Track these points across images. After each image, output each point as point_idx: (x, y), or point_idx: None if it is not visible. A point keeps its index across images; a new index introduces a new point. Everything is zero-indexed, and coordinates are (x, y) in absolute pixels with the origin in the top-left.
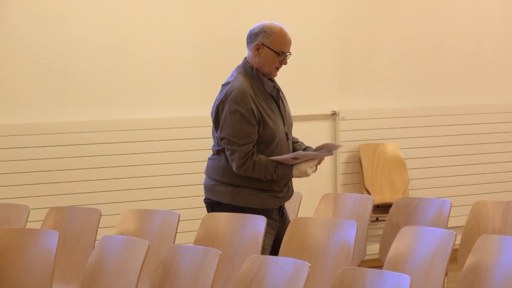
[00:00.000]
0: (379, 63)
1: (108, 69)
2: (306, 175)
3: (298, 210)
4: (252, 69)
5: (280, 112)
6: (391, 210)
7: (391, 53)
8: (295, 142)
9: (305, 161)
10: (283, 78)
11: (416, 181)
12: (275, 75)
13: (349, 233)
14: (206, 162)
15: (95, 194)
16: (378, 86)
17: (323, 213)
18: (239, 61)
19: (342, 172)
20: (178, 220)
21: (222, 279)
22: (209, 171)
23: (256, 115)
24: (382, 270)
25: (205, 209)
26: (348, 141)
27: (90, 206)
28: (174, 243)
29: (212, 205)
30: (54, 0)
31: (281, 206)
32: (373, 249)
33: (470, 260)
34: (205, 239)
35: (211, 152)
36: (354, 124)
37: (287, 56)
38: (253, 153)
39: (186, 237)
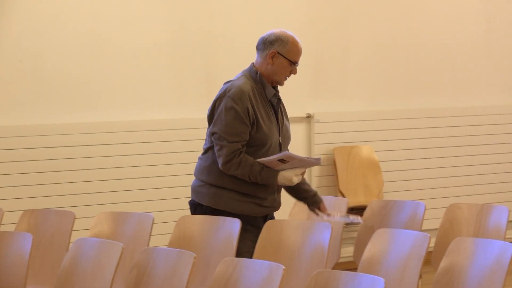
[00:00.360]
0: (354, 66)
1: (83, 72)
2: (291, 182)
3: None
4: (257, 73)
5: (278, 121)
6: (365, 212)
7: (365, 56)
8: (308, 191)
9: (292, 168)
10: None
11: (391, 183)
12: (283, 84)
13: (323, 235)
14: (183, 164)
15: (69, 196)
16: (352, 89)
17: (297, 215)
18: (213, 63)
19: (317, 175)
20: (153, 223)
21: (196, 282)
22: (196, 171)
23: (250, 115)
24: (357, 273)
25: (179, 211)
26: (323, 143)
27: (64, 209)
28: (148, 245)
29: (195, 207)
30: (28, 3)
31: (268, 215)
32: (348, 251)
33: (444, 263)
34: (180, 241)
35: (185, 155)
36: (329, 126)
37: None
38: (241, 152)
39: (160, 240)
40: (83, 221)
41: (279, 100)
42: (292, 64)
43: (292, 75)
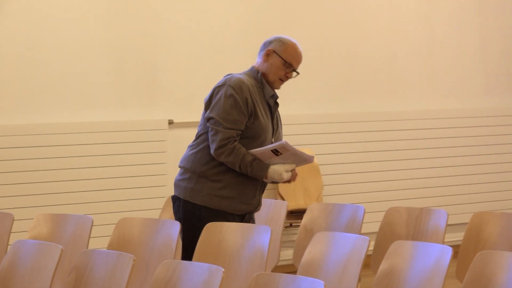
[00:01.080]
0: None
1: (24, 73)
2: (281, 178)
3: None
4: (258, 72)
5: (272, 124)
6: (305, 215)
7: (305, 59)
8: None
9: (283, 163)
10: (198, 82)
11: (330, 187)
12: (278, 87)
13: (263, 238)
14: (123, 166)
15: (7, 198)
16: (292, 92)
17: None
18: (154, 65)
19: None
20: (92, 225)
21: (136, 284)
22: (182, 159)
23: (249, 106)
24: (296, 276)
25: (119, 213)
26: None
27: (2, 211)
28: (87, 247)
29: (174, 200)
30: None
31: (246, 215)
32: (287, 254)
33: (383, 266)
34: (119, 244)
35: (125, 157)
36: None
37: (294, 71)
38: (235, 140)
39: (99, 242)
40: (21, 223)
41: (276, 104)
42: (286, 66)
43: None
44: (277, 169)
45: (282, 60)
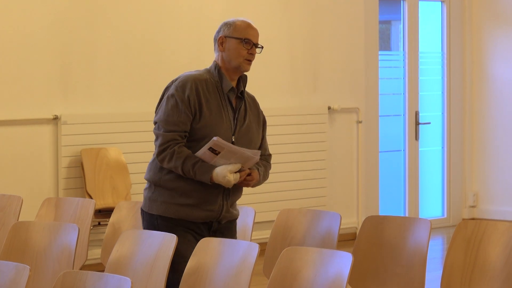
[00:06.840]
0: (101, 67)
1: None
2: (226, 181)
3: (19, 214)
4: (216, 66)
5: (235, 119)
6: (113, 214)
7: (112, 58)
8: None
9: (228, 164)
10: (4, 80)
11: (139, 185)
12: (247, 69)
13: (70, 237)
14: None
15: None
16: (100, 91)
17: (44, 217)
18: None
19: (64, 177)
20: None
21: None
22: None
23: (192, 105)
24: (103, 273)
25: None
26: (70, 145)
27: None
28: None
29: (141, 213)
30: None
31: (214, 223)
32: (96, 253)
33: (190, 263)
34: None
35: None
36: (76, 128)
37: (255, 46)
38: (177, 143)
39: None
40: None
41: (240, 98)
42: (244, 42)
43: (40, 76)
44: (220, 172)
45: (236, 39)
